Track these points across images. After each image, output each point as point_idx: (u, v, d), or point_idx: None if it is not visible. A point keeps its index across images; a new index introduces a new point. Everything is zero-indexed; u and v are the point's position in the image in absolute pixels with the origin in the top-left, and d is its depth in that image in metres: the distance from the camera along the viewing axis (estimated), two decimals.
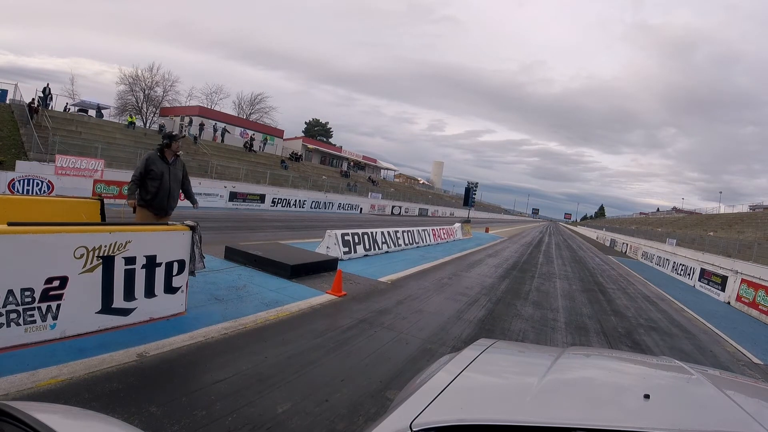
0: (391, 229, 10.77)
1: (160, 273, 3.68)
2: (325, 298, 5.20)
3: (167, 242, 3.78)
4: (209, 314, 4.01)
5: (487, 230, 27.61)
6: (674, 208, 69.92)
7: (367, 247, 9.13)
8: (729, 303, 10.54)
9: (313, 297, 5.13)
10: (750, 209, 39.79)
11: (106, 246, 3.26)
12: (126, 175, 16.79)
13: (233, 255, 6.45)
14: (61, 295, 2.97)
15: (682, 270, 15.08)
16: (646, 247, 24.12)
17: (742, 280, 10.32)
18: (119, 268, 3.37)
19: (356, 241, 8.70)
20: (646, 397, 1.04)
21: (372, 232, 9.53)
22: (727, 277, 11.21)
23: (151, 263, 3.61)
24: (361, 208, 33.23)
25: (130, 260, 3.45)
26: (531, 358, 1.72)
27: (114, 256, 3.34)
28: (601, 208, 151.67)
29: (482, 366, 1.38)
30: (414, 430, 0.91)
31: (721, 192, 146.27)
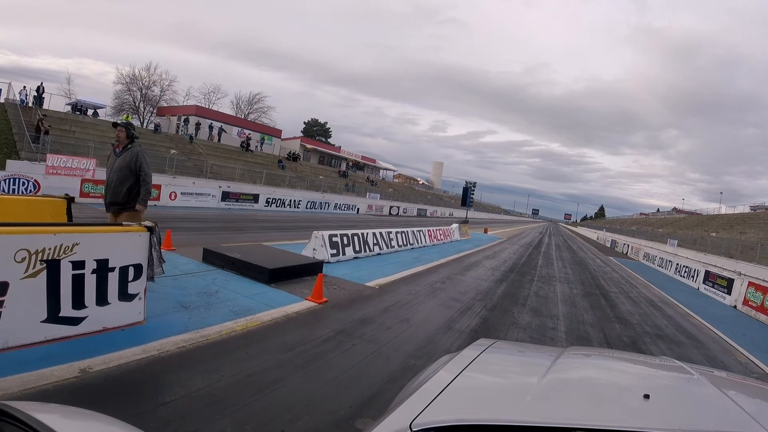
0: (384, 230, 10.38)
1: (113, 278, 3.32)
2: (304, 305, 4.79)
3: (121, 245, 3.41)
4: (171, 324, 3.63)
5: (485, 231, 27.19)
6: (674, 209, 69.44)
7: (357, 248, 8.73)
8: (735, 307, 10.14)
9: (290, 304, 4.71)
10: (751, 210, 39.43)
11: (50, 249, 2.92)
12: None
13: (211, 257, 6.05)
14: (1, 302, 2.64)
15: (685, 272, 14.69)
16: (647, 248, 23.69)
17: (749, 283, 9.91)
18: (66, 273, 3.01)
19: (345, 242, 8.30)
20: (646, 397, 1.03)
21: (363, 233, 9.13)
22: (733, 279, 10.80)
23: (102, 268, 3.25)
24: (358, 209, 32.86)
25: (78, 264, 3.10)
26: (531, 358, 1.71)
27: (60, 259, 2.99)
28: (601, 209, 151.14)
29: (482, 366, 1.37)
30: (414, 430, 0.90)
31: (721, 192, 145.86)
